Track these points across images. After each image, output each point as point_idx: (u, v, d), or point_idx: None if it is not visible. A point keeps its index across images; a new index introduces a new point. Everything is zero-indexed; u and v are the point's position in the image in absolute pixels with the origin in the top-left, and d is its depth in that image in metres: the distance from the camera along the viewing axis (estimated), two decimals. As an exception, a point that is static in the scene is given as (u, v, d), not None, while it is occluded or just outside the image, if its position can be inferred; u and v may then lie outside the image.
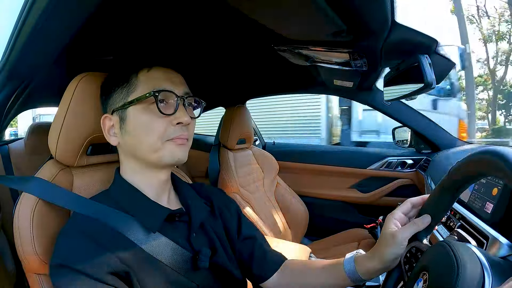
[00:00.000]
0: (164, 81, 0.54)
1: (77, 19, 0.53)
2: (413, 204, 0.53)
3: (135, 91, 0.54)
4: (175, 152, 0.54)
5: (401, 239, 0.49)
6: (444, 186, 0.47)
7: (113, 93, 0.56)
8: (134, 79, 0.54)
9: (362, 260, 0.55)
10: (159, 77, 0.55)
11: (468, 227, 0.68)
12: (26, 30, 0.52)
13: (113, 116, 0.56)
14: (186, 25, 0.78)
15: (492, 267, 0.33)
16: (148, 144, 0.53)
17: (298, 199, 1.64)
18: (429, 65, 0.69)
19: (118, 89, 0.55)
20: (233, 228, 0.66)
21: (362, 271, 0.54)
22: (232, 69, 1.32)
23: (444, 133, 1.49)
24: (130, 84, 0.54)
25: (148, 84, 0.53)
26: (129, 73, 0.55)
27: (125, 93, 0.54)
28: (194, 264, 0.54)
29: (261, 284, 0.65)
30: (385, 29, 0.64)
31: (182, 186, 0.65)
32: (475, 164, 0.41)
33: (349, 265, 0.55)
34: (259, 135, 2.01)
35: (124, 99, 0.54)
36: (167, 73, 0.56)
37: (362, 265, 0.54)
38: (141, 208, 0.54)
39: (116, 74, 0.57)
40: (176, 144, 0.54)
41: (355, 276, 0.54)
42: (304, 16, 0.60)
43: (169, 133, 0.53)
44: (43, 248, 0.54)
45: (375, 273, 0.53)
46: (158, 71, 0.56)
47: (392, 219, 0.52)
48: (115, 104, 0.55)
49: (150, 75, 0.55)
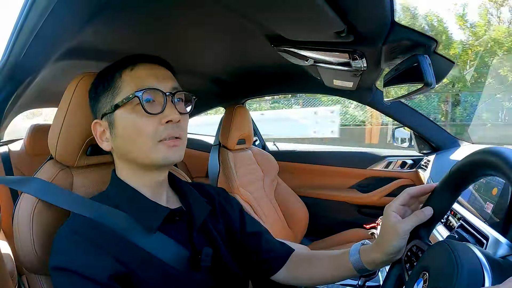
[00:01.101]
0: (149, 79, 0.52)
1: (77, 19, 0.53)
2: (411, 195, 0.50)
3: (120, 93, 0.51)
4: (168, 155, 0.52)
5: (402, 231, 0.47)
6: (445, 186, 0.47)
7: (100, 97, 0.54)
8: (118, 80, 0.52)
9: (367, 251, 0.54)
10: (143, 75, 0.52)
11: (468, 227, 0.68)
12: (26, 30, 0.52)
13: (103, 121, 0.54)
14: (186, 25, 0.78)
15: (492, 267, 0.33)
16: (139, 146, 0.51)
17: (298, 199, 1.64)
18: (428, 65, 0.69)
19: (104, 93, 0.53)
20: (235, 227, 0.65)
21: (367, 262, 0.54)
22: (232, 69, 1.32)
23: (444, 133, 1.49)
24: (115, 86, 0.52)
25: (132, 84, 0.51)
26: (113, 74, 0.53)
27: (110, 96, 0.52)
28: (195, 264, 0.54)
29: (271, 278, 0.65)
30: (385, 29, 0.64)
31: (182, 185, 0.64)
32: (476, 163, 0.41)
33: (354, 255, 0.55)
34: (259, 135, 2.01)
35: (110, 102, 0.52)
36: (152, 70, 0.54)
37: (367, 256, 0.54)
38: (140, 208, 0.53)
39: (100, 77, 0.55)
40: (168, 147, 0.51)
41: (360, 266, 0.54)
42: (304, 16, 0.60)
43: (160, 132, 0.51)
44: (43, 248, 0.54)
45: (380, 264, 0.53)
46: (142, 68, 0.53)
47: (391, 212, 0.50)
48: (102, 109, 0.53)
49: (134, 74, 0.52)
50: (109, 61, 0.56)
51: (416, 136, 1.56)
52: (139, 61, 0.54)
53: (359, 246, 0.56)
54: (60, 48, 0.63)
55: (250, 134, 1.56)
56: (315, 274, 0.61)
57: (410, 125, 1.50)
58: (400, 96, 1.03)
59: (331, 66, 0.92)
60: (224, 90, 1.56)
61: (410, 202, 0.51)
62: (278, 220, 1.53)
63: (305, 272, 0.63)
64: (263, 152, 1.69)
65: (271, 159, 1.67)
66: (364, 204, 1.70)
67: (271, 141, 2.07)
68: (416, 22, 6.36)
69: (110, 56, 0.83)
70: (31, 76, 0.65)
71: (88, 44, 0.79)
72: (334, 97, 5.65)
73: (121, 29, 0.76)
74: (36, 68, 0.64)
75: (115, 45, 0.84)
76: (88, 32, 0.69)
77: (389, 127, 5.21)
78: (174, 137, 0.52)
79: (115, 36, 0.80)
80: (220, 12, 0.63)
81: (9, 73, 0.62)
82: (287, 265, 0.64)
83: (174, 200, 0.62)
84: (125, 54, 0.55)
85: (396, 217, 0.49)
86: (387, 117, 1.59)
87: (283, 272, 0.64)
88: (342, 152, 1.86)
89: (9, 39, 0.57)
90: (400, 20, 0.60)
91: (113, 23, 0.70)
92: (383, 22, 0.61)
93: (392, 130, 1.70)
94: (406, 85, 0.86)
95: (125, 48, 0.84)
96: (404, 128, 1.62)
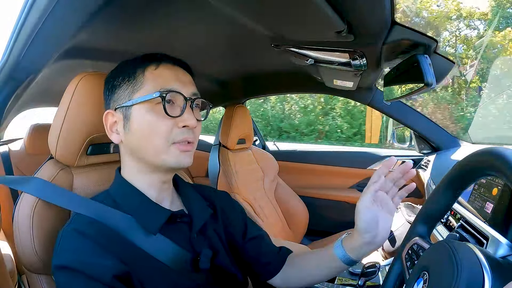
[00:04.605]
0: (173, 81, 0.52)
1: (77, 19, 0.53)
2: (382, 175, 0.55)
3: (141, 89, 0.51)
4: (179, 158, 0.52)
5: (360, 207, 0.52)
6: (445, 185, 0.47)
7: (117, 89, 0.54)
8: (140, 76, 0.52)
9: (348, 240, 0.56)
10: (167, 76, 0.52)
11: (468, 227, 0.68)
12: (26, 30, 0.52)
13: (116, 113, 0.54)
14: (186, 24, 0.78)
15: (492, 267, 0.33)
16: (153, 145, 0.51)
17: (298, 199, 1.64)
18: (428, 65, 0.69)
19: (123, 85, 0.53)
20: (237, 230, 0.65)
21: (350, 250, 0.55)
22: (232, 69, 1.32)
23: (444, 133, 1.49)
24: (137, 81, 0.52)
25: (155, 82, 0.51)
26: (136, 69, 0.53)
27: (130, 90, 0.52)
28: (195, 265, 0.54)
29: (269, 281, 0.65)
30: (385, 29, 0.64)
31: (184, 187, 0.64)
32: (476, 164, 0.41)
33: (338, 248, 0.56)
34: (259, 135, 2.01)
35: (129, 96, 0.52)
36: (176, 72, 0.54)
37: (349, 244, 0.55)
38: (142, 209, 0.53)
39: (122, 69, 0.55)
40: (181, 151, 0.52)
41: (346, 257, 0.55)
42: (304, 16, 0.60)
43: (175, 135, 0.51)
44: (43, 248, 0.54)
45: (362, 250, 0.54)
46: (166, 69, 0.53)
47: (361, 197, 0.54)
48: (119, 101, 0.53)
49: (158, 73, 0.52)
50: (109, 61, 0.56)
51: (416, 136, 1.56)
52: (163, 60, 0.54)
53: (342, 238, 0.58)
54: (60, 48, 0.63)
55: (250, 133, 1.56)
56: (304, 273, 0.62)
57: (410, 125, 1.50)
58: (400, 96, 1.04)
59: (331, 66, 0.92)
60: (224, 90, 1.56)
61: (388, 186, 0.55)
62: (278, 220, 1.53)
63: (295, 274, 0.63)
64: (263, 152, 1.69)
65: (271, 159, 1.67)
66: (364, 204, 1.69)
67: (271, 141, 2.08)
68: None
69: (110, 56, 0.83)
70: (31, 76, 0.65)
71: (88, 44, 0.79)
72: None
73: (121, 29, 0.76)
74: (36, 68, 0.64)
75: (115, 45, 0.84)
76: (88, 32, 0.69)
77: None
78: (187, 141, 0.53)
79: (115, 36, 0.80)
80: (220, 12, 0.63)
81: (9, 73, 0.62)
82: (285, 267, 0.65)
83: (177, 202, 0.62)
84: (125, 54, 0.55)
85: (363, 198, 0.53)
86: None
87: (282, 274, 0.64)
88: (342, 152, 1.86)
89: (9, 39, 0.57)
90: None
91: (113, 23, 0.70)
92: (383, 22, 0.61)
93: (392, 130, 1.70)
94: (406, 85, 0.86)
95: (125, 48, 0.84)
96: (404, 128, 1.62)
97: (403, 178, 0.54)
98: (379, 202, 0.54)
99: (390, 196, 0.54)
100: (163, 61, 0.54)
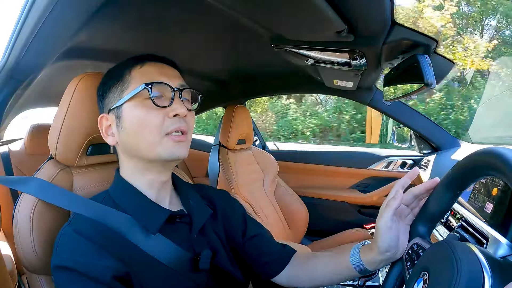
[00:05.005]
0: (158, 75, 0.54)
1: (77, 19, 0.53)
2: (415, 194, 0.50)
3: (128, 88, 0.53)
4: (173, 150, 0.52)
5: (381, 227, 0.49)
6: (445, 185, 0.47)
7: (108, 93, 0.55)
8: (127, 76, 0.54)
9: (366, 251, 0.55)
10: (152, 72, 0.54)
11: (468, 227, 0.68)
12: (26, 30, 0.52)
13: (110, 116, 0.55)
14: (186, 24, 0.78)
15: (492, 267, 0.33)
16: (146, 139, 0.52)
17: (298, 199, 1.64)
18: (428, 65, 0.69)
19: (113, 88, 0.55)
20: (237, 230, 0.65)
21: (367, 262, 0.54)
22: (232, 69, 1.32)
23: (444, 133, 1.49)
24: (124, 82, 0.54)
25: (142, 79, 0.53)
26: (123, 71, 0.55)
27: (119, 91, 0.54)
28: (194, 266, 0.54)
29: (272, 279, 0.65)
30: (385, 29, 0.64)
31: (183, 187, 0.64)
32: (476, 164, 0.41)
33: (355, 256, 0.56)
34: (259, 135, 2.01)
35: (118, 97, 0.54)
36: (161, 68, 0.56)
37: (367, 256, 0.54)
38: (141, 210, 0.54)
39: (110, 74, 0.57)
40: (174, 142, 0.52)
41: (361, 267, 0.55)
42: (304, 16, 0.60)
43: (167, 126, 0.52)
44: (43, 248, 0.54)
45: (380, 264, 0.53)
46: (152, 66, 0.55)
47: (382, 212, 0.50)
48: (110, 104, 0.55)
49: (144, 71, 0.54)
50: (109, 61, 0.56)
51: (416, 136, 1.56)
52: (148, 59, 0.56)
53: (359, 247, 0.56)
54: (60, 48, 0.63)
55: (250, 134, 1.56)
56: (317, 275, 0.61)
57: (410, 125, 1.50)
58: (400, 96, 1.04)
59: (331, 66, 0.92)
60: (224, 90, 1.56)
61: (411, 202, 0.51)
62: (278, 220, 1.53)
63: (306, 274, 0.63)
64: (263, 152, 1.69)
65: (271, 159, 1.67)
66: (364, 204, 1.70)
67: (271, 141, 2.08)
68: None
69: (110, 56, 0.83)
70: (31, 76, 0.65)
71: (88, 44, 0.79)
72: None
73: (121, 29, 0.76)
74: (36, 68, 0.64)
75: (115, 45, 0.84)
76: (88, 32, 0.69)
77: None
78: (180, 131, 0.53)
79: (115, 36, 0.80)
80: (221, 12, 0.63)
81: (9, 73, 0.62)
82: (289, 266, 0.64)
83: (176, 202, 0.62)
84: (125, 54, 0.55)
85: (384, 216, 0.50)
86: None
87: (285, 273, 0.64)
88: (342, 152, 1.87)
89: (9, 39, 0.57)
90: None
91: (113, 23, 0.70)
92: (383, 22, 0.61)
93: (393, 130, 1.70)
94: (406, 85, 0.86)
95: (125, 48, 0.84)
96: (404, 128, 1.62)
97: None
98: (399, 216, 0.52)
99: (410, 208, 0.52)
100: (148, 60, 0.56)
